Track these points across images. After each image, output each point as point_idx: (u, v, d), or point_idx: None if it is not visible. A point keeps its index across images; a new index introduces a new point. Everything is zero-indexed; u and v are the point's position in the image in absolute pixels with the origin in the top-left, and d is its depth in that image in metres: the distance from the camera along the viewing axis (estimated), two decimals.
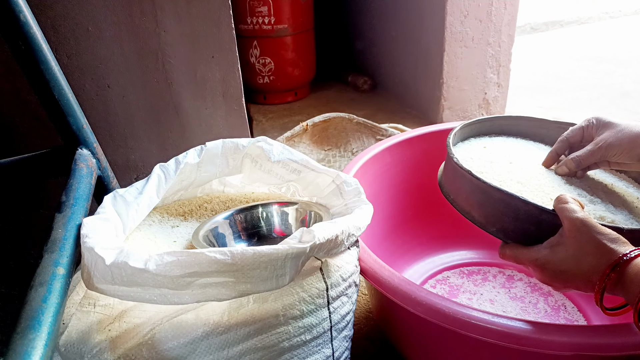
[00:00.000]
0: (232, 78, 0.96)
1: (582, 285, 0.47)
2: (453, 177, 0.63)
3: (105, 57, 0.87)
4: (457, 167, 0.59)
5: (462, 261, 0.91)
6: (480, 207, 0.58)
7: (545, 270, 0.50)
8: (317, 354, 0.49)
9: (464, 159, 0.63)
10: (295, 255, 0.43)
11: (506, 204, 0.54)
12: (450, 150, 0.62)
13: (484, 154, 0.67)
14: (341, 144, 1.21)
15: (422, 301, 0.52)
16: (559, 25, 2.97)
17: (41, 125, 0.87)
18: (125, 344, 0.42)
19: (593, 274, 0.45)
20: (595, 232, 0.46)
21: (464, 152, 0.67)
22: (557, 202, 0.50)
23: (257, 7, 1.54)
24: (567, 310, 0.79)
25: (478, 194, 0.57)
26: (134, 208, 0.54)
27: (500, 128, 0.74)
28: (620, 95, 1.84)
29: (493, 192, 0.55)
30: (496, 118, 0.73)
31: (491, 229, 0.56)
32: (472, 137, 0.72)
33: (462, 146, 0.70)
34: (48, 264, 0.44)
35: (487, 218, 0.57)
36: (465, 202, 0.60)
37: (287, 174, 0.67)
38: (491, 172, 0.62)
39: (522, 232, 0.54)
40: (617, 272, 0.43)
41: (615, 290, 0.44)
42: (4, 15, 0.55)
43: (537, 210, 0.51)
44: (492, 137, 0.73)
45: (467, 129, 0.70)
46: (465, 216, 0.60)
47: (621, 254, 0.43)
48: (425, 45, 1.44)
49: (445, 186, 0.65)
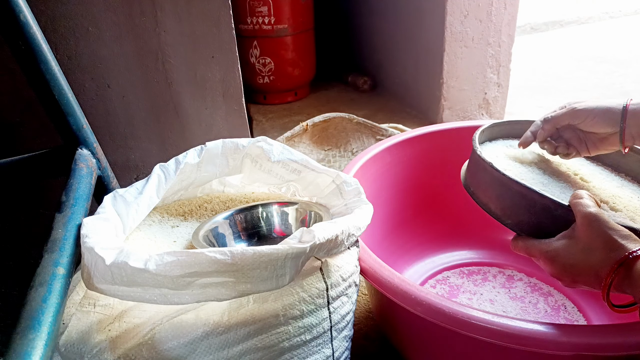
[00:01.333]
0: (232, 78, 0.96)
1: (591, 280, 0.46)
2: (474, 169, 0.64)
3: (105, 57, 0.87)
4: (479, 159, 0.60)
5: (462, 261, 0.91)
6: (497, 199, 0.59)
7: (555, 263, 0.49)
8: (317, 354, 0.49)
9: (489, 156, 0.64)
10: (295, 255, 0.43)
11: (523, 196, 0.55)
12: (475, 144, 0.63)
13: (509, 152, 0.68)
14: (341, 144, 1.21)
15: (422, 301, 0.52)
16: (559, 25, 2.97)
17: (41, 125, 0.87)
18: (125, 344, 0.42)
19: (601, 269, 0.44)
20: (607, 227, 0.46)
21: (489, 151, 0.68)
22: (573, 197, 0.51)
23: (257, 7, 1.54)
24: (567, 310, 0.79)
25: (497, 187, 0.59)
26: (134, 208, 0.54)
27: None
28: (620, 96, 1.84)
29: (511, 185, 0.56)
30: (526, 122, 0.73)
31: (507, 221, 0.58)
32: (500, 138, 0.73)
33: (488, 145, 0.71)
34: (48, 264, 0.44)
35: (503, 210, 0.58)
36: (484, 194, 0.61)
37: (287, 174, 0.67)
38: (513, 169, 0.63)
39: (536, 226, 0.54)
40: (625, 267, 0.43)
41: (623, 287, 0.43)
42: (4, 15, 0.55)
43: (553, 204, 0.52)
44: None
45: (496, 129, 0.71)
46: (482, 207, 0.61)
47: (631, 250, 0.43)
48: (425, 45, 1.44)
49: (466, 179, 0.67)
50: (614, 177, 0.69)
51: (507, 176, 0.56)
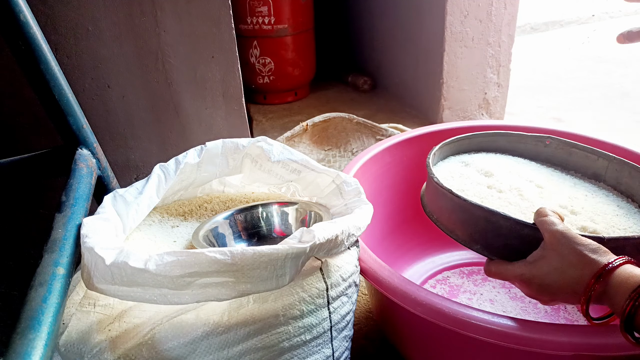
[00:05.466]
0: (232, 78, 0.96)
1: (568, 297, 0.47)
2: (435, 196, 0.63)
3: (105, 57, 0.87)
4: (437, 186, 0.60)
5: (462, 261, 0.91)
6: (462, 225, 0.58)
7: (531, 285, 0.50)
8: (317, 354, 0.49)
9: (445, 178, 0.64)
10: (295, 255, 0.43)
11: (487, 220, 0.54)
12: (430, 170, 0.62)
13: (464, 171, 0.67)
14: (341, 144, 1.21)
15: (422, 301, 0.52)
16: (559, 25, 2.97)
17: (41, 125, 0.87)
18: (125, 344, 0.42)
19: (577, 286, 0.45)
20: (576, 244, 0.46)
21: (444, 171, 0.68)
22: (537, 215, 0.51)
23: (257, 7, 1.54)
24: (567, 310, 0.79)
25: (459, 213, 0.58)
26: (134, 208, 0.54)
27: (479, 145, 0.74)
28: (620, 95, 1.84)
29: (474, 210, 0.55)
30: (474, 135, 0.74)
31: (475, 247, 0.57)
32: (452, 155, 0.73)
33: (442, 165, 0.70)
34: (48, 264, 0.44)
35: (470, 236, 0.57)
36: (448, 221, 0.60)
37: (287, 174, 0.67)
38: (472, 189, 0.62)
39: (506, 248, 0.54)
40: (600, 282, 0.43)
41: (601, 300, 0.44)
42: (4, 15, 0.55)
43: (518, 225, 0.52)
44: (472, 154, 0.73)
45: (446, 148, 0.71)
46: (449, 235, 0.60)
47: (603, 264, 0.44)
48: (425, 45, 1.44)
49: (427, 205, 0.66)
50: (566, 177, 0.69)
51: (469, 201, 0.55)
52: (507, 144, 0.74)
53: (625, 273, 0.42)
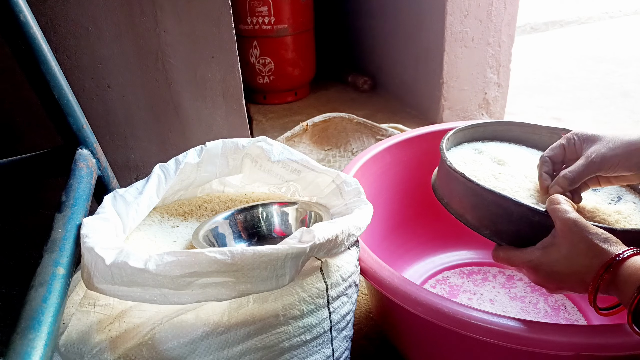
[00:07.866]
0: (232, 78, 0.96)
1: (576, 286, 0.47)
2: (446, 180, 0.63)
3: (105, 57, 0.87)
4: (450, 170, 0.59)
5: (462, 261, 0.91)
6: (473, 209, 0.58)
7: (539, 272, 0.49)
8: (317, 354, 0.49)
9: (457, 163, 0.64)
10: (295, 255, 0.43)
11: (499, 205, 0.54)
12: (443, 154, 0.62)
13: (477, 157, 0.67)
14: (341, 144, 1.21)
15: (422, 301, 0.52)
16: (559, 25, 2.97)
17: (41, 125, 0.87)
18: (125, 344, 0.42)
19: (586, 275, 0.45)
20: (587, 233, 0.46)
21: (457, 157, 0.67)
22: (550, 202, 0.50)
23: (257, 7, 1.54)
24: (567, 310, 0.79)
25: (471, 197, 0.57)
26: (134, 208, 0.54)
27: (494, 133, 0.74)
28: (620, 95, 1.84)
29: (486, 195, 0.55)
30: (489, 123, 0.73)
31: (485, 232, 0.56)
32: (465, 142, 0.73)
33: (455, 151, 0.70)
34: (48, 264, 0.44)
35: (480, 220, 0.57)
36: (459, 205, 0.60)
37: (287, 174, 0.67)
38: (484, 175, 0.62)
39: (516, 234, 0.54)
40: (610, 272, 0.43)
41: (609, 291, 0.44)
42: (4, 15, 0.55)
43: (530, 212, 0.51)
44: (486, 142, 0.73)
45: (460, 134, 0.71)
46: (459, 219, 0.60)
47: (614, 254, 0.43)
48: (425, 45, 1.44)
49: (438, 190, 0.65)
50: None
51: (481, 186, 0.55)
52: (522, 134, 0.74)
53: (636, 265, 0.42)
